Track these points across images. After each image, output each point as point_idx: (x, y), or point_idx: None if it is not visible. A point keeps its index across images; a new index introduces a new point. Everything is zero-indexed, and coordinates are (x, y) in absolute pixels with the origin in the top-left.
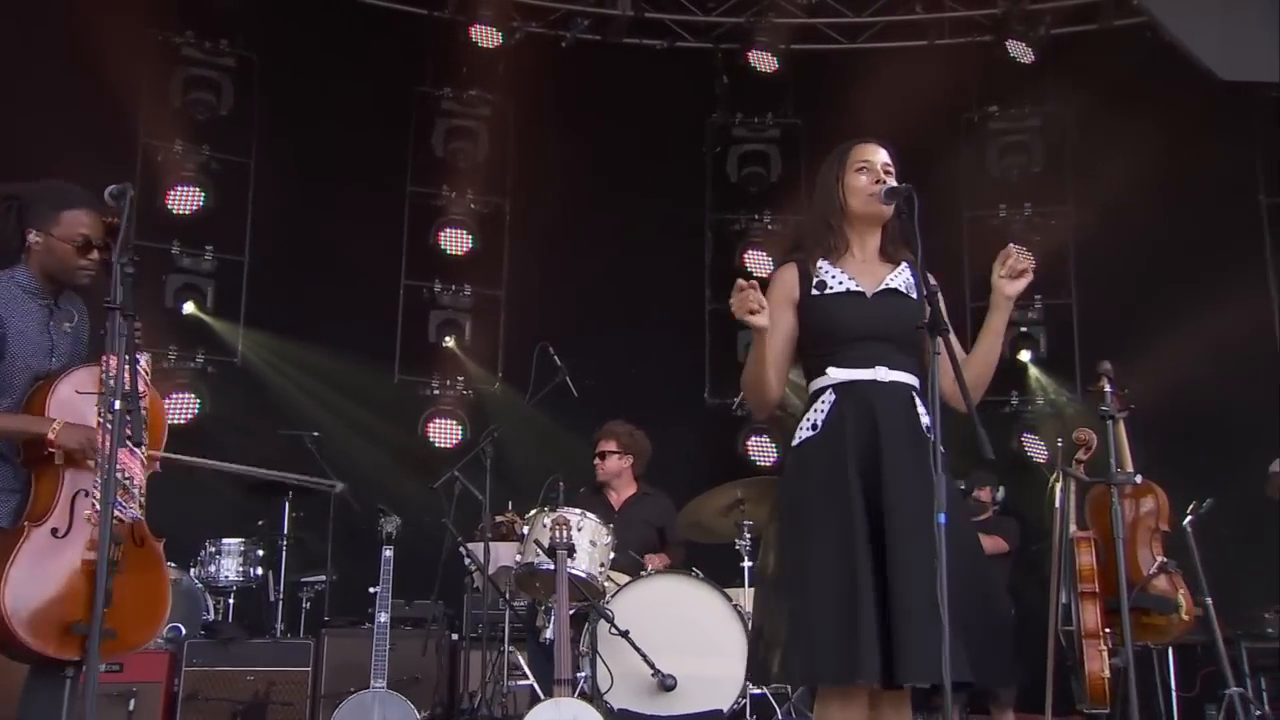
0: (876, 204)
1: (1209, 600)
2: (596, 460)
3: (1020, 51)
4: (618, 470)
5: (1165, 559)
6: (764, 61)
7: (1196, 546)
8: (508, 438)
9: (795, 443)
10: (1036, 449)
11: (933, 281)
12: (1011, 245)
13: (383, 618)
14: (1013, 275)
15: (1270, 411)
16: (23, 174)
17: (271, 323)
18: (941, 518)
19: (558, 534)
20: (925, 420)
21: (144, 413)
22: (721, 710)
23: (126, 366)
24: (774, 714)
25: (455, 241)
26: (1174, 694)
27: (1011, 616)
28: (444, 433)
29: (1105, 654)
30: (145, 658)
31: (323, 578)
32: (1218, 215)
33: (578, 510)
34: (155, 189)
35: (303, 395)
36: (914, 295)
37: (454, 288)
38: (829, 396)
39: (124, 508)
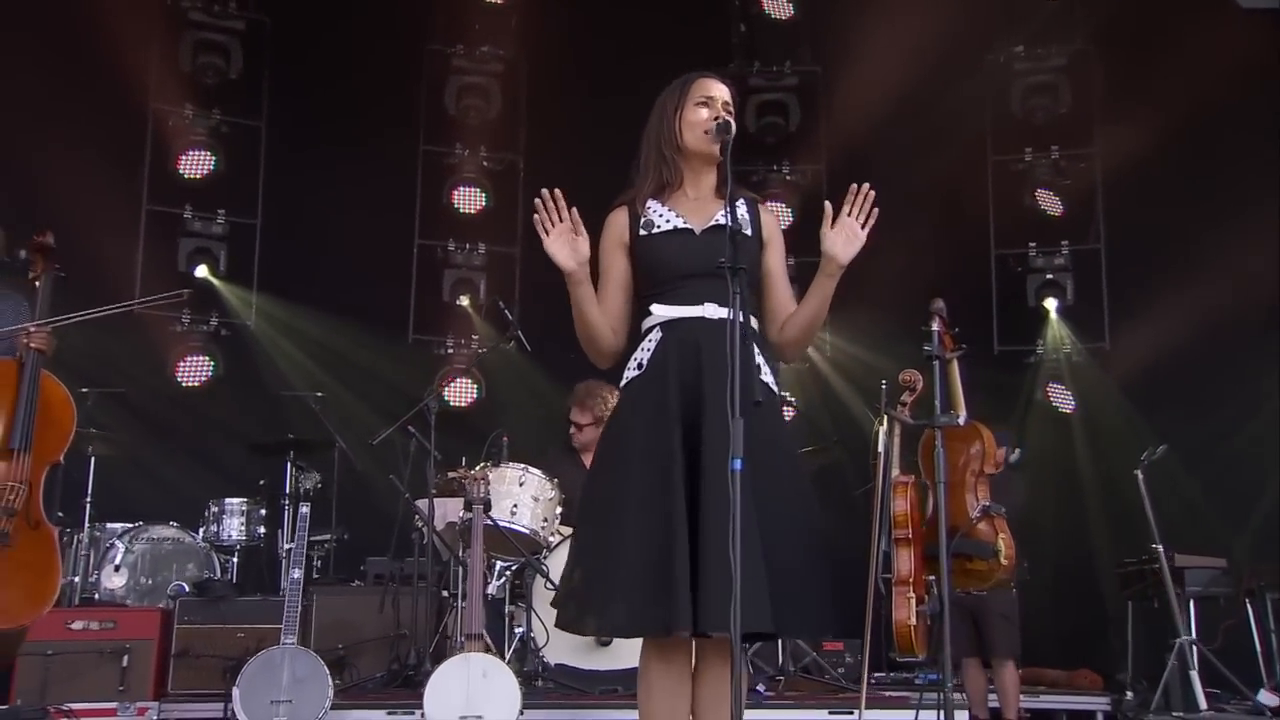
0: (710, 141)
1: (1159, 548)
2: (573, 429)
3: None
4: (593, 438)
5: (989, 503)
6: (779, 8)
7: (1148, 493)
8: (516, 396)
9: (623, 383)
10: (1063, 399)
11: (741, 219)
12: (850, 191)
13: (296, 574)
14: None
15: None
16: (34, 140)
17: (284, 285)
18: (736, 464)
19: (474, 489)
20: (756, 359)
21: None
22: None
23: None
24: None
25: (469, 200)
26: (1194, 648)
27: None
28: (459, 392)
29: (913, 601)
30: (139, 615)
31: (329, 536)
32: (1249, 155)
33: (520, 465)
34: (166, 153)
35: (316, 357)
36: (747, 231)
37: (468, 246)
38: (655, 335)
39: None
